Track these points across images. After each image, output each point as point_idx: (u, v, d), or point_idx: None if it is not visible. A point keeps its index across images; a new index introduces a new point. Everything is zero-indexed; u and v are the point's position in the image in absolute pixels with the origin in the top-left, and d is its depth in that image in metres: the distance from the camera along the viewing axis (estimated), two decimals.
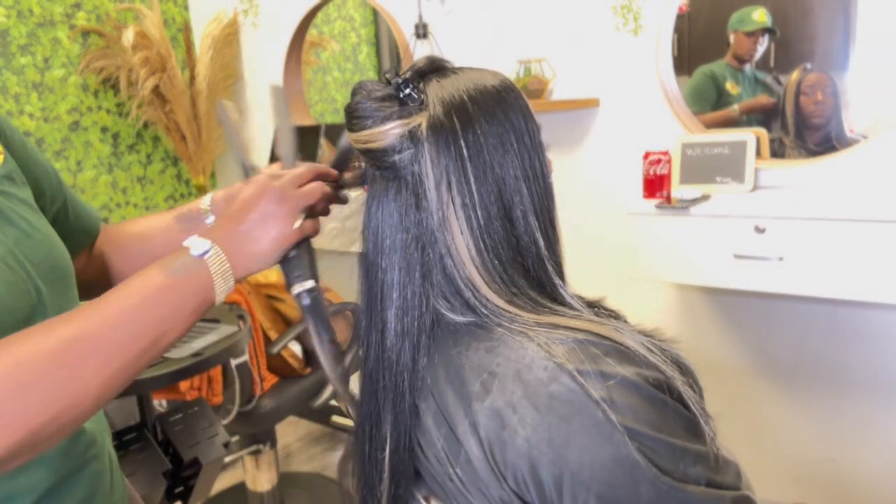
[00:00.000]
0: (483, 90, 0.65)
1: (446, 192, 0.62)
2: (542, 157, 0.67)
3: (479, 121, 0.63)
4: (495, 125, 0.63)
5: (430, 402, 0.63)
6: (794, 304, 1.81)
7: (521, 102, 0.66)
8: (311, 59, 2.82)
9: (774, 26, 1.77)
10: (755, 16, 1.77)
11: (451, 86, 0.64)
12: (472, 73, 0.67)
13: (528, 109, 0.67)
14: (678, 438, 0.55)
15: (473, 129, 0.62)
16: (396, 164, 0.63)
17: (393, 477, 0.66)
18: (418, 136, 0.62)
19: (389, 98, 0.64)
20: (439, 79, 0.65)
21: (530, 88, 2.01)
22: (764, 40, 1.80)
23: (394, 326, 0.64)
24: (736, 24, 1.81)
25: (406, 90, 0.63)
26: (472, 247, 0.62)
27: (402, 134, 0.63)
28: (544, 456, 0.55)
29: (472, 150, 0.62)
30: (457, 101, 0.63)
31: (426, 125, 0.62)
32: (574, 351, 0.57)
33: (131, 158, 2.84)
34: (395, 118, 0.63)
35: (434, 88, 0.64)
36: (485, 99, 0.64)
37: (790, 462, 1.90)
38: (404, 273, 0.64)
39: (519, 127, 0.65)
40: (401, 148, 0.63)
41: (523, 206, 0.64)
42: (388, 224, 0.64)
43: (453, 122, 0.62)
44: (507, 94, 0.66)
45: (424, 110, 0.63)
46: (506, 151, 0.63)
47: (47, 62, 2.55)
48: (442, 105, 0.63)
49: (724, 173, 1.76)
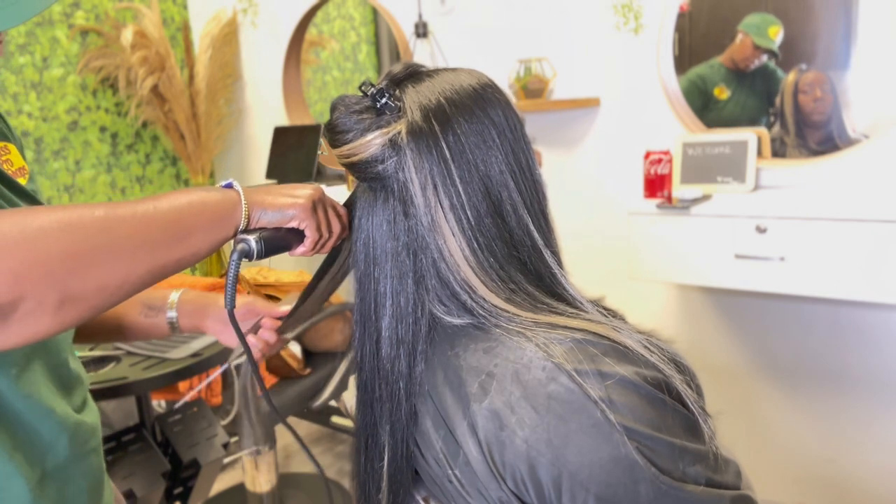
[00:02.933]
0: (459, 90, 0.65)
1: (433, 196, 0.62)
2: (528, 149, 0.67)
3: (458, 121, 0.63)
4: (475, 123, 0.63)
5: (428, 404, 0.63)
6: (795, 304, 1.80)
7: (500, 98, 0.66)
8: (310, 59, 2.82)
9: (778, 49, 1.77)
10: (770, 31, 1.77)
11: (428, 90, 0.64)
12: (447, 74, 0.67)
13: (508, 104, 0.67)
14: (677, 438, 0.55)
15: (453, 130, 0.63)
16: (381, 174, 0.63)
17: (391, 486, 0.66)
18: (399, 143, 0.62)
19: (367, 109, 0.64)
20: (415, 84, 0.65)
21: (530, 88, 2.01)
22: (763, 57, 1.80)
23: (388, 335, 0.64)
24: (751, 28, 1.80)
25: (382, 99, 0.63)
26: (466, 247, 0.62)
27: (383, 143, 0.63)
28: (543, 456, 0.54)
29: (455, 150, 0.62)
30: (434, 105, 0.63)
31: (406, 132, 0.62)
32: (572, 351, 0.57)
33: (130, 158, 2.84)
34: (374, 129, 0.63)
35: (411, 94, 0.64)
36: (462, 98, 0.64)
37: (790, 462, 1.89)
38: (396, 281, 0.64)
39: (499, 122, 0.65)
40: (383, 157, 0.63)
41: (512, 200, 0.64)
42: (378, 234, 0.65)
43: (432, 125, 0.62)
44: (484, 91, 0.66)
45: (403, 117, 0.63)
46: (488, 148, 0.63)
47: (46, 61, 2.55)
48: (420, 110, 0.63)
49: (725, 173, 1.75)
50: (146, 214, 0.56)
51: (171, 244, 0.57)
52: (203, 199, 0.61)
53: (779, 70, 1.79)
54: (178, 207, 0.59)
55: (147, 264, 0.56)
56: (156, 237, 0.56)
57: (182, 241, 0.58)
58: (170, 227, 0.57)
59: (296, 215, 0.66)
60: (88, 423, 0.76)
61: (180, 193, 0.60)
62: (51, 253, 0.50)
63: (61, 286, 0.50)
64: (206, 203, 0.61)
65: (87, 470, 0.75)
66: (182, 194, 0.60)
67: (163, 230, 0.57)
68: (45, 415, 0.70)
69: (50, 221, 0.51)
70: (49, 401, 0.70)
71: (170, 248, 0.57)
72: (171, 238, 0.57)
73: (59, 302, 0.50)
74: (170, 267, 0.58)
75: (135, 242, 0.55)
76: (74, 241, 0.51)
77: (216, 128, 2.84)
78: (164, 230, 0.57)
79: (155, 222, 0.56)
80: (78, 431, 0.73)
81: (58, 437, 0.71)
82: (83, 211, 0.53)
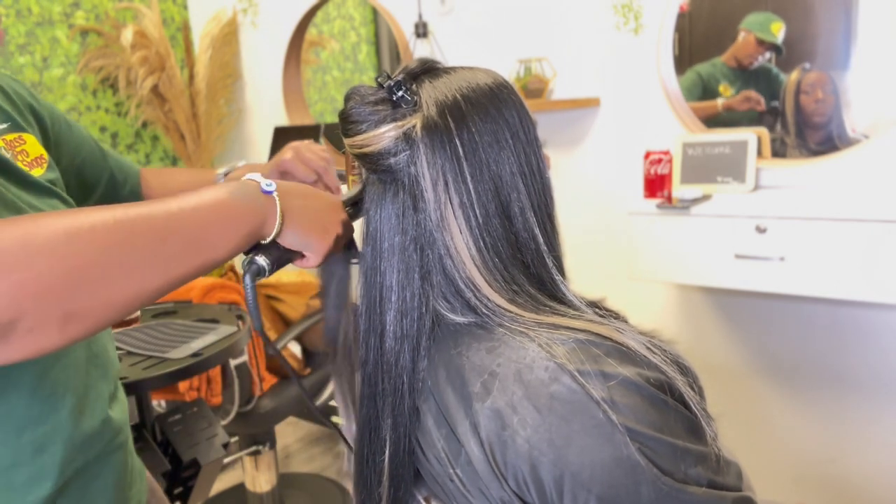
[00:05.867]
0: (476, 88, 0.64)
1: (443, 192, 0.62)
2: (538, 152, 0.67)
3: (473, 119, 0.63)
4: (489, 123, 0.63)
5: (430, 402, 0.63)
6: (795, 305, 1.80)
7: (514, 99, 0.66)
8: (310, 59, 2.82)
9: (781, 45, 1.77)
10: (773, 27, 1.77)
11: (444, 86, 0.64)
12: (464, 72, 0.67)
13: (522, 106, 0.67)
14: (679, 439, 0.55)
15: (468, 128, 0.62)
16: (393, 167, 0.63)
17: (392, 480, 0.66)
18: (413, 137, 0.62)
19: (383, 101, 0.64)
20: (432, 79, 0.65)
21: (530, 88, 2.01)
22: (767, 54, 1.80)
23: (392, 329, 0.64)
24: (754, 25, 1.80)
25: (399, 92, 0.63)
26: (472, 245, 0.62)
27: (397, 136, 0.63)
28: (545, 457, 0.54)
29: (468, 148, 0.62)
30: (450, 101, 0.63)
31: (420, 126, 0.62)
32: (575, 351, 0.57)
33: (130, 158, 2.84)
34: (389, 121, 0.63)
35: (427, 89, 0.64)
36: (478, 97, 0.64)
37: (790, 462, 1.89)
38: (403, 275, 0.63)
39: (513, 123, 0.65)
40: (396, 150, 0.63)
41: (521, 202, 0.64)
42: (387, 227, 0.64)
43: (447, 121, 0.62)
44: (500, 91, 0.66)
45: (418, 112, 0.63)
46: (501, 148, 0.63)
47: (46, 61, 2.55)
48: (436, 105, 0.63)
49: (725, 173, 1.75)
50: (167, 224, 0.52)
51: (191, 257, 0.53)
52: (234, 208, 0.56)
53: (781, 74, 1.79)
54: (203, 216, 0.54)
55: (161, 279, 0.52)
56: (174, 249, 0.52)
57: (202, 254, 0.54)
58: (191, 240, 0.53)
59: (316, 252, 0.65)
60: (115, 420, 0.76)
61: (210, 194, 0.56)
62: (54, 270, 0.46)
63: (65, 304, 0.47)
64: (238, 214, 0.57)
65: (114, 466, 0.75)
66: (211, 196, 0.56)
67: (183, 243, 0.53)
68: (78, 413, 0.70)
69: (55, 233, 0.47)
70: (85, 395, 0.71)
71: (188, 261, 0.53)
72: (192, 251, 0.53)
73: (63, 319, 0.47)
74: (185, 278, 0.54)
75: (150, 256, 0.51)
76: (81, 255, 0.47)
77: (216, 128, 2.84)
78: (185, 243, 0.53)
79: (175, 233, 0.52)
80: (105, 428, 0.74)
81: (86, 439, 0.71)
82: (94, 218, 0.49)
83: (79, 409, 0.70)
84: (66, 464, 0.68)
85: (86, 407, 0.71)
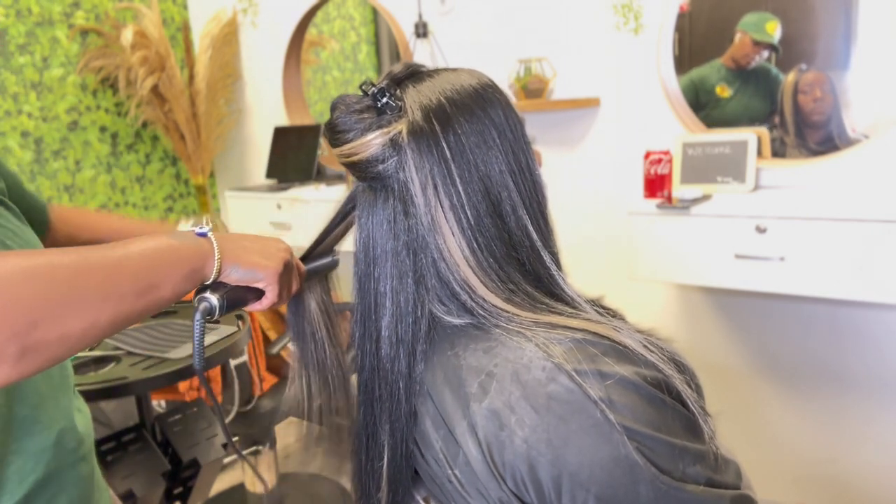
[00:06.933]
0: (460, 90, 0.65)
1: (433, 195, 0.62)
2: (527, 150, 0.67)
3: (458, 121, 0.63)
4: (475, 123, 0.64)
5: (428, 404, 0.63)
6: (794, 305, 1.80)
7: (500, 98, 0.66)
8: (310, 59, 2.82)
9: (778, 44, 1.77)
10: (768, 27, 1.77)
11: (428, 89, 0.64)
12: (448, 74, 0.67)
13: (508, 104, 0.67)
14: (677, 437, 0.55)
15: (454, 130, 0.63)
16: (382, 174, 0.63)
17: (391, 485, 0.66)
18: (400, 143, 0.62)
19: (368, 109, 0.64)
20: (416, 84, 0.66)
21: (530, 88, 2.01)
22: (765, 53, 1.80)
23: (388, 335, 0.64)
24: (748, 26, 1.80)
25: (383, 99, 0.63)
26: (465, 247, 0.62)
27: (383, 143, 0.63)
28: (543, 457, 0.54)
29: (455, 150, 0.62)
30: (434, 104, 0.63)
31: (406, 131, 0.62)
32: (572, 351, 0.57)
33: (130, 158, 2.84)
34: (375, 128, 0.63)
35: (411, 94, 0.64)
36: (462, 98, 0.64)
37: (790, 462, 1.89)
38: (396, 280, 0.64)
39: (500, 122, 0.65)
40: (384, 157, 0.63)
41: (512, 200, 0.64)
42: (379, 233, 0.64)
43: (433, 125, 0.62)
44: (484, 91, 0.66)
45: (404, 117, 0.63)
46: (489, 148, 0.64)
47: (46, 61, 2.55)
48: (420, 110, 0.63)
49: (725, 173, 1.75)
50: (117, 264, 0.55)
51: (139, 295, 0.56)
52: (176, 249, 0.60)
53: (780, 74, 1.79)
54: (149, 256, 0.58)
55: (112, 314, 0.54)
56: (124, 288, 0.55)
57: (150, 292, 0.57)
58: (139, 278, 0.56)
59: (265, 279, 0.65)
60: (77, 430, 0.76)
61: (152, 240, 0.59)
62: (12, 306, 0.48)
63: (22, 339, 0.48)
64: (179, 254, 0.60)
65: (77, 479, 0.74)
66: (154, 241, 0.59)
67: (132, 281, 0.56)
68: (33, 423, 0.69)
69: (14, 271, 0.49)
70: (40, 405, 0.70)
71: (137, 299, 0.56)
72: (140, 289, 0.56)
73: (19, 353, 0.48)
74: (133, 316, 0.56)
75: (102, 293, 0.53)
76: (39, 292, 0.49)
77: (216, 128, 2.84)
78: (134, 281, 0.56)
79: (125, 272, 0.55)
80: (65, 437, 0.73)
81: (45, 445, 0.70)
82: (52, 258, 0.52)
83: (33, 418, 0.70)
84: (24, 475, 0.68)
85: (41, 416, 0.71)
